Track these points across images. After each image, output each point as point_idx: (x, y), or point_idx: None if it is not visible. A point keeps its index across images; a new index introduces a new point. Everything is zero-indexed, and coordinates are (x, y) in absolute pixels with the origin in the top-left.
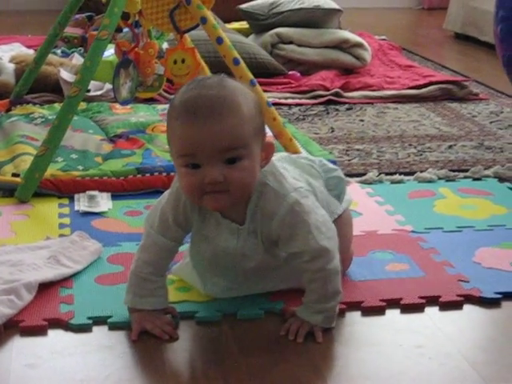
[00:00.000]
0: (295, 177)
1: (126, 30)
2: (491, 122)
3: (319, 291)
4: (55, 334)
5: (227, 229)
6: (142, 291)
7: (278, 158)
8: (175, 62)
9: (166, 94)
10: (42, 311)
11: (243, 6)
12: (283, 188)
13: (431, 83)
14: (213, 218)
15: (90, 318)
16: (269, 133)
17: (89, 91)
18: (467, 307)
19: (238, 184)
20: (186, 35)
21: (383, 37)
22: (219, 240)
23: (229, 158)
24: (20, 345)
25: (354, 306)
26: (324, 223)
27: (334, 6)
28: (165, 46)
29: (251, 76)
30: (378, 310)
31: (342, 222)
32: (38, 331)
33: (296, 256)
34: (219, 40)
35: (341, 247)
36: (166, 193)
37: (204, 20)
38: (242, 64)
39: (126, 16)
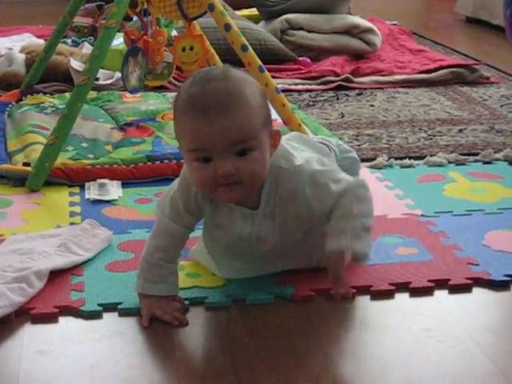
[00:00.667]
0: (303, 156)
1: (135, 18)
2: (502, 106)
3: (362, 207)
4: (66, 321)
5: (241, 215)
6: (153, 277)
7: (288, 138)
8: (184, 50)
9: (175, 82)
10: (52, 299)
11: None
12: (295, 165)
13: (442, 67)
14: (225, 206)
15: (100, 305)
16: (277, 119)
17: (98, 80)
18: (476, 290)
19: (251, 175)
20: (195, 22)
21: (394, 22)
22: (233, 227)
23: (240, 150)
24: (31, 332)
25: (364, 290)
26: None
27: None
28: (174, 33)
29: (259, 62)
30: (388, 294)
31: None
32: (49, 318)
33: (334, 204)
34: (227, 27)
35: None
36: (176, 181)
37: (212, 7)
38: (251, 50)
39: (134, 4)
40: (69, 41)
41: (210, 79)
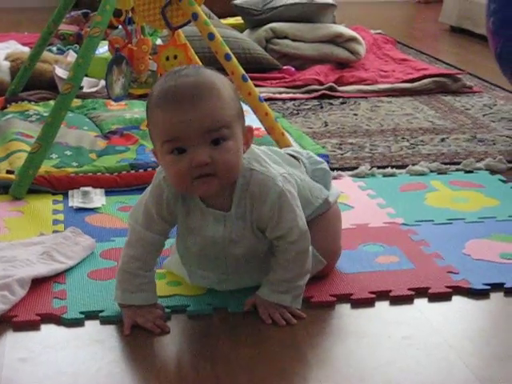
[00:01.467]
0: (276, 161)
1: (120, 26)
2: (484, 115)
3: (296, 271)
4: (48, 329)
5: (213, 217)
6: (131, 287)
7: (259, 149)
8: (167, 59)
9: None
10: (34, 306)
11: (237, 1)
12: (269, 172)
13: (425, 76)
14: (197, 208)
15: (82, 313)
16: (261, 128)
17: (82, 88)
18: (456, 298)
19: (225, 165)
20: (179, 31)
21: (379, 30)
22: (206, 230)
23: (213, 139)
24: (13, 339)
25: (344, 298)
26: (301, 210)
27: (328, 0)
28: (158, 42)
29: (243, 71)
30: (368, 303)
31: (331, 216)
32: (31, 326)
33: (282, 237)
34: (210, 36)
35: (329, 240)
36: (148, 188)
37: (195, 16)
38: (234, 59)
39: (118, 13)
40: (54, 48)
41: (182, 75)
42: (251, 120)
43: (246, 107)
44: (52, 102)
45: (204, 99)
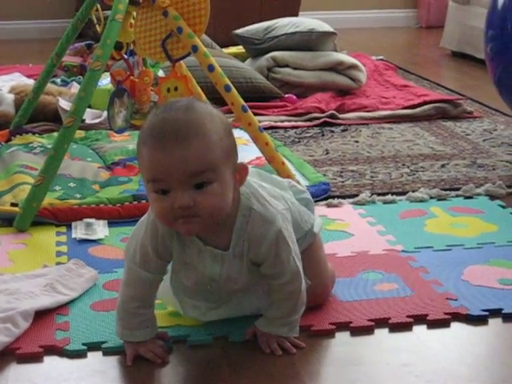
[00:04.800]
0: (272, 193)
1: None
2: (484, 140)
3: (290, 308)
4: (51, 361)
5: (210, 256)
6: (131, 325)
7: (249, 174)
8: (168, 90)
9: None
10: (38, 338)
11: (239, 31)
12: (268, 211)
13: (425, 102)
14: (194, 245)
15: (84, 344)
16: (261, 157)
17: (84, 121)
18: (454, 325)
19: (209, 208)
20: (181, 62)
21: (381, 56)
22: (203, 267)
23: (197, 182)
24: (16, 372)
25: (343, 326)
26: (295, 244)
27: (329, 28)
28: (160, 73)
29: (243, 102)
30: (367, 330)
31: (316, 247)
32: (34, 358)
33: (275, 276)
34: (210, 67)
35: (322, 269)
36: (143, 223)
37: (195, 48)
38: (234, 90)
39: (119, 46)
40: (58, 80)
41: (172, 109)
42: (252, 149)
43: (247, 136)
44: (56, 134)
45: (189, 140)
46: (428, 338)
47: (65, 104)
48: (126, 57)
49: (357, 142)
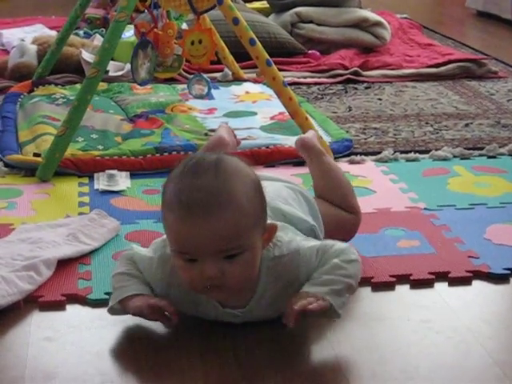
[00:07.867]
0: (297, 208)
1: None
2: (508, 100)
3: (342, 272)
4: (73, 309)
5: (228, 316)
6: (125, 282)
7: (271, 197)
8: (192, 43)
9: (185, 74)
10: (60, 287)
11: None
12: (290, 246)
13: (450, 61)
14: (210, 304)
15: (106, 294)
16: (284, 112)
17: (107, 72)
18: (476, 283)
19: (238, 278)
20: (205, 16)
21: (405, 15)
22: (216, 316)
23: (226, 255)
24: (39, 319)
25: (365, 281)
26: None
27: None
28: (184, 26)
29: (267, 56)
30: (388, 286)
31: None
32: (57, 306)
33: (325, 261)
34: (235, 21)
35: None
36: (150, 261)
37: (220, 1)
38: (258, 44)
39: None
40: (81, 32)
41: (199, 172)
42: (275, 104)
43: (270, 91)
44: (78, 86)
45: (219, 211)
46: (449, 295)
47: (88, 56)
48: (150, 9)
49: (380, 99)
